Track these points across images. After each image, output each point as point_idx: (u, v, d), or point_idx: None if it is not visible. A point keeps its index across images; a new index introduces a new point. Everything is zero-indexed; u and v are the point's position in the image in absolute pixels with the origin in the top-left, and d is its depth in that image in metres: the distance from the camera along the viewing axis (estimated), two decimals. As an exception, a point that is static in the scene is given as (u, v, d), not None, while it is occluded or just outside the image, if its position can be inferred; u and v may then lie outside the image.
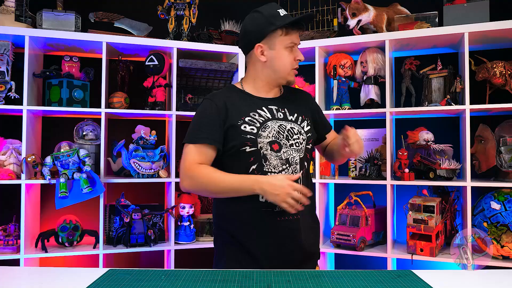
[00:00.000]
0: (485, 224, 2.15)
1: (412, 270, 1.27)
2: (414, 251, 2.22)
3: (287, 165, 1.37)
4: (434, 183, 2.28)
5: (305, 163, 1.43)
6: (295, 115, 1.46)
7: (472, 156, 2.31)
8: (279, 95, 1.50)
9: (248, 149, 1.35)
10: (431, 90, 2.40)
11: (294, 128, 1.42)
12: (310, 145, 1.46)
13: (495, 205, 2.14)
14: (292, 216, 1.36)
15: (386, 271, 1.27)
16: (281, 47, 1.40)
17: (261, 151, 1.35)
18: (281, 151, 1.37)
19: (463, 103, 2.24)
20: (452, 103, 2.27)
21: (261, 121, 1.39)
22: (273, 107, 1.44)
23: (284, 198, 1.24)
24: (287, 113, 1.44)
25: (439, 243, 2.24)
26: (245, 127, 1.36)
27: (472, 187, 2.21)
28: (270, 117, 1.41)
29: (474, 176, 2.36)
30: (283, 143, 1.38)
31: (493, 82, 2.25)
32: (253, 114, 1.39)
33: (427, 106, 2.36)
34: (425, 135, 2.38)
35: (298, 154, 1.40)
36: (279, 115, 1.43)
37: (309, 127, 1.46)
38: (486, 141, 2.30)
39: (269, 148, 1.36)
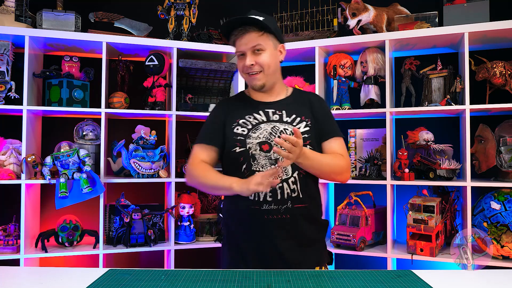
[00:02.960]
0: (485, 224, 2.15)
1: (412, 270, 1.27)
2: (414, 251, 2.23)
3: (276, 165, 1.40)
4: (434, 183, 2.28)
5: None
6: (293, 116, 1.48)
7: (472, 156, 2.31)
8: (283, 97, 1.54)
9: (238, 149, 1.43)
10: (431, 90, 2.40)
11: (288, 129, 1.44)
12: (308, 146, 1.43)
13: (495, 205, 2.14)
14: (281, 215, 1.38)
15: (386, 271, 1.27)
16: (236, 56, 1.50)
17: (250, 151, 1.41)
18: (271, 152, 1.41)
19: (463, 103, 2.24)
20: (452, 103, 2.27)
21: (254, 123, 1.46)
22: (270, 110, 1.49)
23: (253, 188, 1.27)
24: (284, 115, 1.48)
25: (439, 243, 2.24)
26: (237, 129, 1.46)
27: (472, 187, 2.21)
28: (265, 120, 1.47)
29: (474, 176, 2.36)
30: (274, 144, 1.41)
31: (493, 82, 2.25)
32: (248, 117, 1.48)
33: (427, 106, 2.36)
34: (425, 135, 2.38)
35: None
36: (274, 117, 1.48)
37: (307, 128, 1.46)
38: (486, 141, 2.30)
39: (258, 148, 1.41)
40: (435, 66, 2.42)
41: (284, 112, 1.49)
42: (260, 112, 1.48)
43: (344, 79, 2.51)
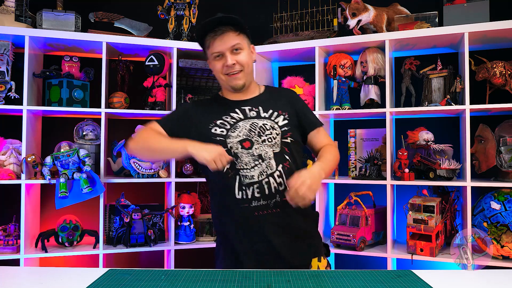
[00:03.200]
0: (485, 224, 2.15)
1: (412, 270, 1.27)
2: (414, 251, 2.23)
3: (260, 161, 1.39)
4: (434, 183, 2.28)
5: (286, 157, 1.43)
6: (270, 111, 1.50)
7: (472, 156, 2.31)
8: (257, 94, 1.56)
9: None
10: (431, 90, 2.40)
11: (267, 124, 1.45)
12: (290, 139, 1.45)
13: (495, 205, 2.14)
14: (271, 210, 1.38)
15: (386, 271, 1.27)
16: (211, 59, 1.50)
17: (232, 151, 1.41)
18: (253, 148, 1.40)
19: (463, 103, 2.24)
20: (452, 103, 2.27)
21: (232, 123, 1.45)
22: (247, 108, 1.50)
23: (214, 154, 1.28)
24: (261, 111, 1.49)
25: (439, 243, 2.24)
26: (215, 130, 1.44)
27: (472, 187, 2.21)
28: (243, 117, 1.47)
29: (474, 176, 2.36)
30: (255, 140, 1.41)
31: (493, 82, 2.25)
32: (225, 117, 1.47)
33: (427, 106, 2.36)
34: (425, 135, 2.38)
35: (272, 149, 1.41)
36: (251, 114, 1.48)
37: (285, 121, 1.47)
38: (486, 141, 2.30)
39: (240, 146, 1.41)
40: (435, 66, 2.42)
41: (260, 108, 1.50)
42: (237, 110, 1.48)
43: (344, 79, 2.51)
